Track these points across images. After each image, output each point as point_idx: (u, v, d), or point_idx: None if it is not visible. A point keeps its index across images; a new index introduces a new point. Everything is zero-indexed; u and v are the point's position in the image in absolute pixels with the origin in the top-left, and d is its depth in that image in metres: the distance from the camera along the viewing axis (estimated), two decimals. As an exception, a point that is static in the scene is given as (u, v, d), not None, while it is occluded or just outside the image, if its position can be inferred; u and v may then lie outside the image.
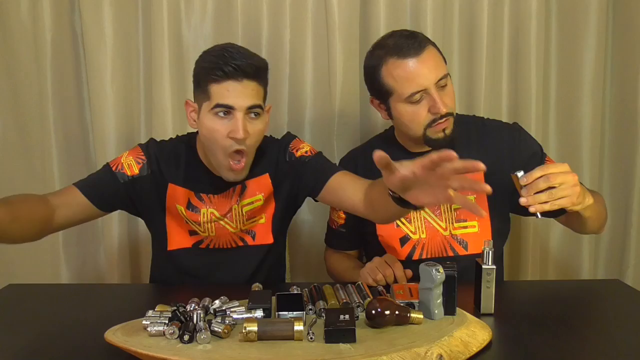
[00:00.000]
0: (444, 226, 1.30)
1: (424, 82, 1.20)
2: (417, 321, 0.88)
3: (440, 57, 1.25)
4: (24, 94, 1.73)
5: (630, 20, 1.75)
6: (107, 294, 1.23)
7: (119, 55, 1.69)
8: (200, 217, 1.25)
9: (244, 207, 1.26)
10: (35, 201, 1.10)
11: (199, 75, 1.15)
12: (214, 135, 1.13)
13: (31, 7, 1.69)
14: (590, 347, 0.89)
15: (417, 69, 1.20)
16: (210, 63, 1.12)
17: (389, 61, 1.23)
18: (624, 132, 1.80)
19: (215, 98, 1.11)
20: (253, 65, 1.12)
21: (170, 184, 1.24)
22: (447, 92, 1.24)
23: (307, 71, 1.73)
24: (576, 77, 1.77)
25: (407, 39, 1.22)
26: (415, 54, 1.20)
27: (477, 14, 1.70)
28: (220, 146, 1.14)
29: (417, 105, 1.23)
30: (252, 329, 0.82)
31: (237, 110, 1.11)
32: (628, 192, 1.80)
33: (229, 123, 1.12)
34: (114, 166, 1.22)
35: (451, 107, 1.24)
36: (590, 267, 1.83)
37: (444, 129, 1.24)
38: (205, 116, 1.14)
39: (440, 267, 0.92)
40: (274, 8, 1.70)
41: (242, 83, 1.11)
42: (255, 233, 1.29)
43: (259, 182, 1.26)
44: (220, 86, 1.11)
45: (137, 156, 1.24)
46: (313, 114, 1.76)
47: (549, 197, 1.01)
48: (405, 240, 1.31)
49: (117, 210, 1.29)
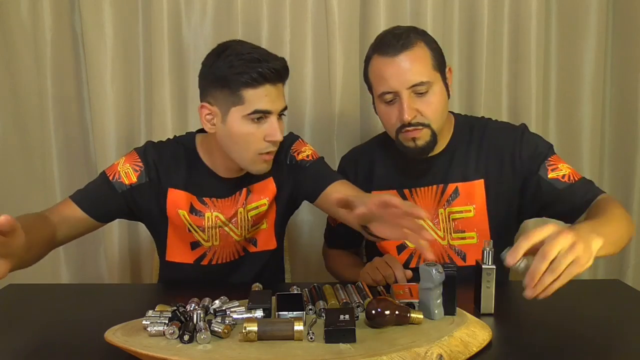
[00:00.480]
0: (442, 236, 1.27)
1: (394, 84, 1.15)
2: (417, 321, 0.88)
3: (426, 62, 1.17)
4: (24, 94, 1.74)
5: (630, 20, 1.75)
6: (107, 294, 1.23)
7: (119, 55, 1.69)
8: (204, 222, 1.22)
9: (250, 212, 1.24)
10: (40, 223, 1.06)
11: (227, 78, 1.09)
12: (248, 139, 1.11)
13: (31, 7, 1.69)
14: (590, 347, 0.88)
15: (390, 69, 1.15)
16: (241, 67, 1.07)
17: (373, 56, 1.21)
18: (624, 132, 1.80)
19: (253, 103, 1.09)
20: (285, 67, 1.12)
21: (170, 188, 1.20)
22: (427, 100, 1.16)
23: (307, 71, 1.74)
24: (576, 77, 1.77)
25: (393, 37, 1.17)
26: (393, 54, 1.15)
27: (477, 14, 1.70)
28: (254, 149, 1.13)
29: (390, 106, 1.19)
30: (252, 329, 0.82)
31: (272, 114, 1.11)
32: (628, 192, 1.80)
33: (263, 127, 1.11)
34: (110, 175, 1.18)
35: (428, 118, 1.17)
36: (590, 267, 1.82)
37: (413, 138, 1.18)
38: (236, 121, 1.11)
39: (440, 267, 0.92)
40: (274, 8, 1.70)
41: (277, 87, 1.11)
42: (257, 240, 1.28)
43: (264, 186, 1.25)
44: (257, 91, 1.08)
45: (134, 163, 1.19)
46: (313, 114, 1.76)
47: (553, 275, 0.82)
48: (403, 248, 1.29)
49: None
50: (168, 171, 1.21)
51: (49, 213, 1.12)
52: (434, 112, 1.18)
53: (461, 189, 1.25)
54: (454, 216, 1.26)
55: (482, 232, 1.25)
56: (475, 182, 1.25)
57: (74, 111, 1.75)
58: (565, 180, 1.20)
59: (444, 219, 1.27)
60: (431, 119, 1.18)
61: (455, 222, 1.26)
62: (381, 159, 1.33)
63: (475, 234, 1.25)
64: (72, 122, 1.75)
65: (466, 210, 1.25)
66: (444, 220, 1.27)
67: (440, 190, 1.26)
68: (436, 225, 1.27)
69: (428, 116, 1.17)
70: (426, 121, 1.18)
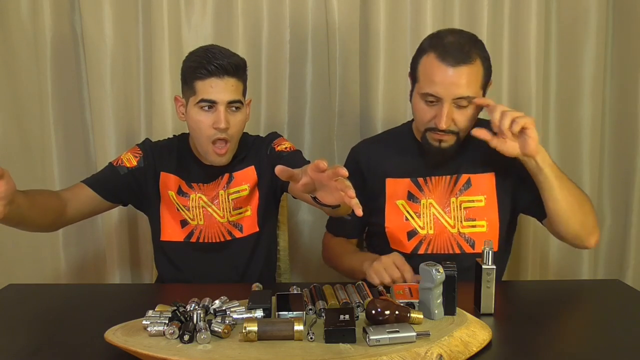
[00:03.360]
0: (452, 224, 1.30)
1: (441, 92, 1.19)
2: (417, 321, 0.88)
3: (477, 80, 1.21)
4: (24, 94, 1.74)
5: (630, 20, 1.75)
6: (107, 294, 1.23)
7: (119, 55, 1.69)
8: (189, 202, 1.35)
9: (230, 195, 1.36)
10: (49, 193, 1.23)
11: (186, 73, 1.28)
12: (199, 125, 1.27)
13: (31, 7, 1.69)
14: (590, 347, 0.89)
15: (444, 77, 1.19)
16: (195, 62, 1.25)
17: (430, 54, 1.22)
18: (624, 132, 1.80)
19: (200, 94, 1.24)
20: (233, 63, 1.25)
21: (162, 172, 1.36)
22: (465, 112, 1.22)
23: (307, 71, 1.74)
24: (576, 77, 1.77)
25: (457, 47, 1.19)
26: (451, 64, 1.18)
27: (477, 14, 1.70)
28: (205, 135, 1.27)
29: (429, 106, 1.23)
30: (252, 329, 0.82)
31: (219, 104, 1.24)
32: (628, 192, 1.80)
33: (212, 115, 1.25)
34: (115, 163, 1.36)
35: (459, 127, 1.23)
36: (590, 267, 1.83)
37: (440, 140, 1.24)
38: (191, 109, 1.27)
39: (440, 267, 0.92)
40: (274, 8, 1.70)
41: (223, 80, 1.24)
42: (243, 226, 1.37)
43: (245, 174, 1.37)
44: (204, 83, 1.24)
45: (134, 152, 1.37)
46: (313, 113, 1.76)
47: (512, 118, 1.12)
48: (413, 234, 1.31)
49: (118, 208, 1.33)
50: (162, 158, 1.38)
51: (61, 191, 1.28)
52: (467, 124, 1.24)
53: (473, 180, 1.30)
54: (465, 205, 1.30)
55: (491, 222, 1.30)
56: (486, 175, 1.30)
57: (74, 111, 1.75)
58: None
59: (456, 208, 1.30)
60: (462, 129, 1.24)
61: (466, 211, 1.30)
62: (395, 149, 1.37)
63: (485, 223, 1.30)
64: (72, 122, 1.75)
65: (477, 200, 1.30)
66: (455, 209, 1.30)
67: (453, 181, 1.31)
68: (447, 213, 1.31)
69: (460, 126, 1.23)
70: (457, 129, 1.24)
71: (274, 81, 1.73)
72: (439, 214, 1.31)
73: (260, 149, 1.38)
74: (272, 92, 1.74)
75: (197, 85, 1.24)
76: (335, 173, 0.86)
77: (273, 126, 1.72)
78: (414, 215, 1.31)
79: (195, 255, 1.36)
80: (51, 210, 1.19)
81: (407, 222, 1.32)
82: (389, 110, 1.73)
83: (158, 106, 1.68)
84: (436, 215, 1.31)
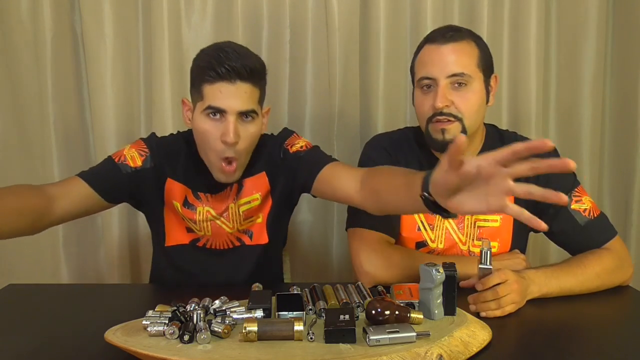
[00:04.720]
0: (463, 240, 1.25)
1: (433, 71, 1.15)
2: (417, 321, 0.88)
3: (470, 57, 1.16)
4: (24, 94, 1.74)
5: (630, 20, 1.75)
6: (107, 294, 1.23)
7: (119, 55, 1.69)
8: (196, 215, 1.24)
9: (241, 206, 1.25)
10: (26, 191, 1.03)
11: (194, 73, 1.13)
12: (206, 136, 1.12)
13: (31, 7, 1.69)
14: (590, 348, 0.89)
15: (434, 56, 1.16)
16: (204, 62, 1.09)
17: (423, 46, 1.21)
18: (624, 132, 1.80)
19: (208, 99, 1.09)
20: (247, 66, 1.09)
21: (169, 178, 1.22)
22: (463, 94, 1.15)
23: (307, 71, 1.74)
24: (576, 78, 1.77)
25: (447, 29, 1.18)
26: (440, 42, 1.16)
27: (477, 14, 1.70)
28: (212, 148, 1.12)
29: (426, 94, 1.18)
30: (252, 329, 0.82)
31: (228, 114, 1.09)
32: (628, 192, 1.80)
33: (220, 125, 1.10)
34: (116, 158, 1.19)
35: (461, 112, 1.15)
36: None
37: (442, 130, 1.16)
38: (198, 116, 1.12)
39: (440, 267, 0.92)
40: (274, 8, 1.70)
41: (235, 85, 1.08)
42: (253, 233, 1.28)
43: (255, 181, 1.25)
44: (213, 87, 1.08)
45: (140, 149, 1.21)
46: (313, 114, 1.76)
47: (498, 305, 0.99)
48: (422, 245, 1.27)
49: (118, 206, 1.27)
50: (169, 161, 1.22)
51: (48, 187, 1.09)
52: (468, 108, 1.16)
53: None
54: (479, 223, 1.25)
55: (503, 244, 1.25)
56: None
57: (74, 111, 1.75)
58: (586, 215, 1.20)
59: (469, 225, 1.25)
60: (464, 114, 1.16)
61: (479, 230, 1.25)
62: (408, 153, 1.30)
63: (497, 244, 1.24)
64: (72, 122, 1.75)
65: (492, 220, 1.25)
66: (468, 226, 1.25)
67: None
68: (461, 229, 1.26)
69: (461, 110, 1.15)
70: (459, 114, 1.15)
71: (274, 81, 1.73)
72: (452, 229, 1.25)
73: (272, 152, 1.24)
74: (271, 92, 1.73)
75: (204, 89, 1.09)
76: (544, 144, 0.66)
77: (273, 126, 1.71)
78: (428, 227, 1.26)
79: (200, 258, 1.27)
80: (28, 211, 1.00)
81: (419, 232, 1.26)
82: (389, 110, 1.73)
83: (158, 106, 1.68)
84: (449, 229, 1.25)
